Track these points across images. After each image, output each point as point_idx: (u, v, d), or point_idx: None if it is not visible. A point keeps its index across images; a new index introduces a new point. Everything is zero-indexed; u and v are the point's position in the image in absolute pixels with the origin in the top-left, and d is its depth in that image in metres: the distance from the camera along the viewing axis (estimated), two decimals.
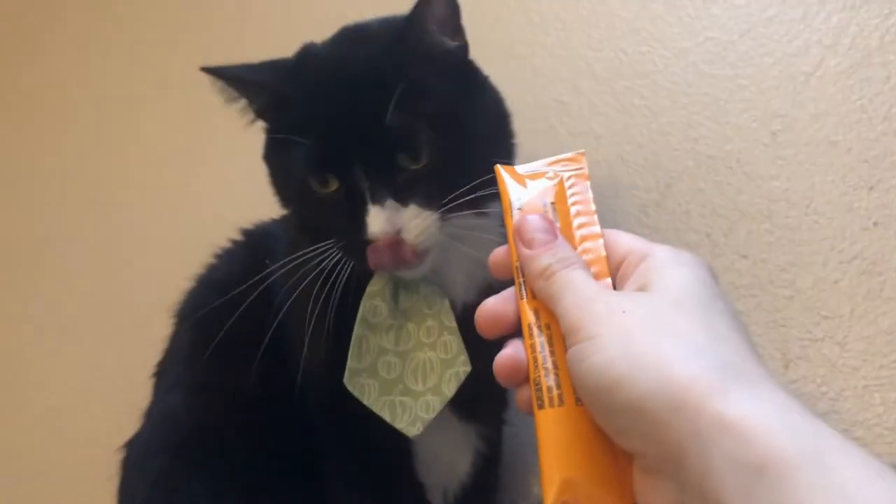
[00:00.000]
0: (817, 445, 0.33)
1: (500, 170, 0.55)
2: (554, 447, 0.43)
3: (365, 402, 0.66)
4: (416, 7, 0.65)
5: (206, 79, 0.69)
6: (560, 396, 0.43)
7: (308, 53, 0.71)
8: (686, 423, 0.35)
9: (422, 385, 0.67)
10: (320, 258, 0.65)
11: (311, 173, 0.65)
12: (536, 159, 0.91)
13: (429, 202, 0.63)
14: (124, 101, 1.41)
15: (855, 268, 0.78)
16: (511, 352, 0.47)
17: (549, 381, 0.44)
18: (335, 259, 0.64)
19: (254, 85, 0.69)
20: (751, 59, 0.88)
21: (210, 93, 0.70)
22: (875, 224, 0.78)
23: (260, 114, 0.71)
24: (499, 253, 0.52)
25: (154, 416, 0.80)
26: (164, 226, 1.29)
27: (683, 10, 0.93)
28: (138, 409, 1.15)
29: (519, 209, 0.52)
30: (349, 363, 0.66)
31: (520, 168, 0.55)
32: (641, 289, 0.44)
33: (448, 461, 0.78)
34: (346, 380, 0.66)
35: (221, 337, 0.73)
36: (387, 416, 0.67)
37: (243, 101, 0.70)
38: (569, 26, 1.00)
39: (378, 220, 0.61)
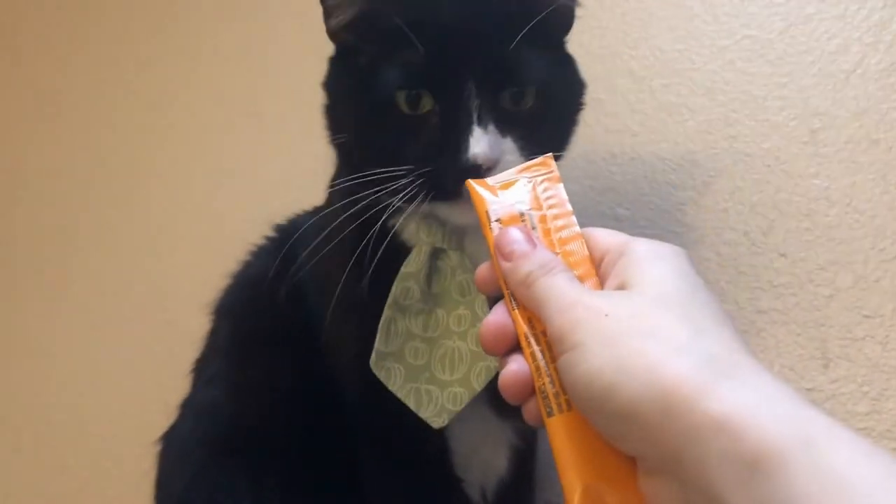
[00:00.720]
0: (807, 431, 0.33)
1: (472, 183, 0.54)
2: (570, 454, 0.42)
3: (390, 387, 0.66)
4: None
5: (235, 75, 0.68)
6: (567, 401, 0.43)
7: None
8: (678, 424, 0.36)
9: (449, 375, 0.66)
10: (377, 189, 0.62)
11: (406, 87, 0.62)
12: (572, 157, 0.91)
13: (522, 144, 0.62)
14: (157, 97, 1.42)
15: None
16: (514, 367, 0.46)
17: (553, 387, 0.44)
18: (402, 185, 0.61)
19: None
20: (790, 57, 0.88)
21: (243, 89, 0.68)
22: None
23: (346, 24, 0.67)
24: (483, 269, 0.51)
25: (193, 409, 0.81)
26: (195, 223, 1.30)
27: (720, 9, 0.93)
28: (170, 406, 1.17)
29: (497, 220, 0.51)
30: (376, 346, 0.66)
31: (490, 179, 0.55)
32: (621, 286, 0.43)
33: (484, 457, 0.78)
34: (372, 363, 0.66)
35: (259, 331, 0.74)
36: (411, 404, 0.66)
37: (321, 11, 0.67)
38: (605, 24, 1.00)
39: (482, 142, 0.59)
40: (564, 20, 0.69)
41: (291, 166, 1.10)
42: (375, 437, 0.75)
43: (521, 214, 0.51)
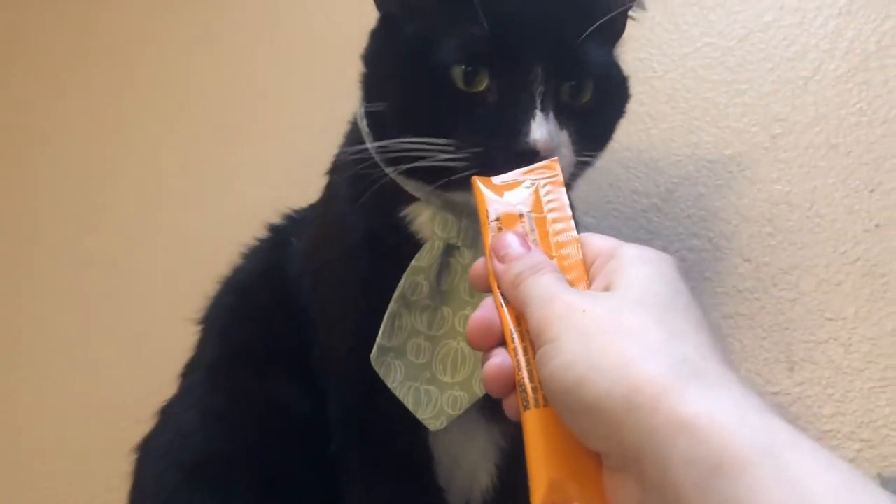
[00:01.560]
0: (772, 440, 0.33)
1: (478, 181, 0.55)
2: (541, 448, 0.43)
3: (389, 384, 0.64)
4: None
5: (223, 80, 0.67)
6: (544, 397, 0.43)
7: None
8: (643, 422, 0.35)
9: (451, 377, 0.65)
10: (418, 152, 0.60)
11: (464, 63, 0.60)
12: None
13: (576, 139, 0.62)
14: (138, 107, 1.40)
15: (858, 270, 0.78)
16: (498, 360, 0.46)
17: (532, 382, 0.44)
18: (445, 160, 0.60)
19: None
20: (749, 64, 0.89)
21: (227, 94, 0.68)
22: (877, 226, 0.79)
23: None
24: (477, 267, 0.51)
25: (171, 423, 0.79)
26: (183, 228, 1.28)
27: (681, 17, 0.94)
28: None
29: (496, 220, 0.52)
30: (379, 339, 0.64)
31: (496, 179, 0.55)
32: (607, 288, 0.44)
33: (472, 461, 0.76)
34: (373, 357, 0.64)
35: (242, 347, 0.73)
36: (409, 404, 0.64)
37: None
38: None
39: (544, 128, 0.58)
40: (622, 25, 0.70)
41: (285, 172, 1.09)
42: (359, 441, 0.72)
43: (521, 215, 0.52)
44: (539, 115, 0.59)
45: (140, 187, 1.34)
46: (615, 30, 0.69)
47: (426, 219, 0.66)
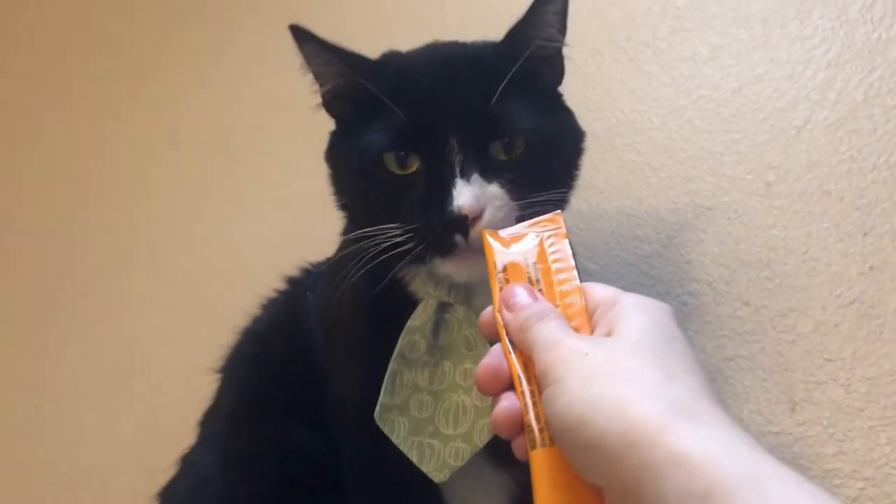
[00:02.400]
0: (757, 472, 0.36)
1: (486, 234, 0.58)
2: (547, 485, 0.46)
3: (394, 439, 0.67)
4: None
5: (243, 129, 0.70)
6: (550, 437, 0.46)
7: (394, 53, 0.72)
8: (641, 458, 0.38)
9: (452, 429, 0.67)
10: (377, 242, 0.64)
11: (392, 150, 0.65)
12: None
13: (511, 188, 0.64)
14: (156, 157, 1.44)
15: (854, 311, 0.80)
16: (506, 404, 0.49)
17: (538, 423, 0.47)
18: (397, 242, 0.63)
19: (344, 59, 0.68)
20: (743, 115, 0.92)
21: (247, 143, 0.71)
22: (871, 268, 0.81)
23: (333, 97, 0.71)
24: (485, 315, 0.55)
25: (191, 470, 0.82)
26: (200, 278, 1.31)
27: (677, 71, 0.98)
28: (157, 472, 1.16)
29: (503, 270, 0.56)
30: (381, 398, 0.67)
31: (503, 231, 0.59)
32: (608, 334, 0.47)
33: None
34: (376, 415, 0.66)
35: (260, 396, 0.75)
36: (414, 458, 0.66)
37: (311, 77, 0.70)
38: (567, 88, 1.04)
39: (465, 193, 0.62)
40: (552, 69, 0.73)
41: (303, 225, 1.12)
42: (371, 490, 0.75)
43: (527, 266, 0.55)
44: (459, 182, 0.62)
45: (157, 239, 1.37)
46: (541, 75, 0.72)
47: (420, 280, 0.69)
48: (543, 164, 0.68)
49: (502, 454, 0.73)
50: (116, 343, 1.32)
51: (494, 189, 0.64)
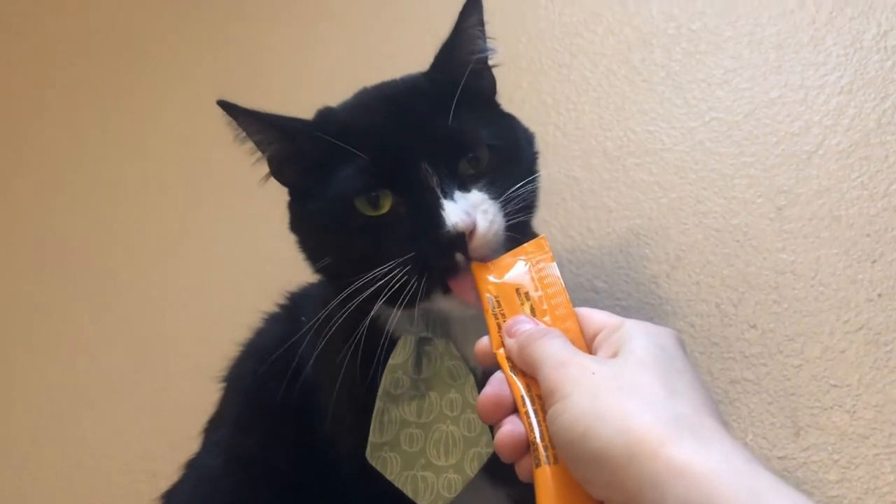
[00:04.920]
0: (755, 485, 0.37)
1: (476, 265, 0.60)
2: (551, 501, 0.47)
3: (388, 476, 0.67)
4: (463, 14, 0.69)
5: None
6: (555, 455, 0.48)
7: (328, 108, 0.73)
8: (642, 468, 0.40)
9: (444, 460, 0.68)
10: (371, 286, 0.63)
11: (363, 192, 0.65)
12: (550, 231, 0.95)
13: (489, 190, 0.65)
14: (164, 167, 1.46)
15: (861, 337, 0.80)
16: (509, 427, 0.51)
17: (543, 441, 0.49)
18: (395, 280, 0.62)
19: (281, 123, 0.68)
20: (755, 138, 0.93)
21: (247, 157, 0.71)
22: (879, 295, 0.81)
23: (279, 163, 0.71)
24: (480, 345, 0.56)
25: (196, 473, 0.82)
26: (203, 290, 1.32)
27: (689, 93, 0.99)
28: (157, 476, 1.17)
29: (495, 297, 0.58)
30: (371, 438, 0.67)
31: (491, 264, 0.61)
32: (613, 355, 0.49)
33: None
34: (367, 454, 0.67)
35: (264, 404, 0.75)
36: (409, 492, 0.67)
37: (250, 145, 0.70)
38: (580, 107, 1.06)
39: (455, 210, 0.61)
40: (486, 81, 0.74)
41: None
42: None
43: (518, 293, 0.58)
44: (445, 202, 0.62)
45: (165, 242, 1.38)
46: (482, 90, 0.73)
47: (399, 318, 0.68)
48: (509, 164, 0.69)
49: (500, 471, 0.73)
50: (122, 346, 1.33)
51: (475, 196, 0.64)
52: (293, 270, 0.89)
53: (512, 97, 1.11)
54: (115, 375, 1.31)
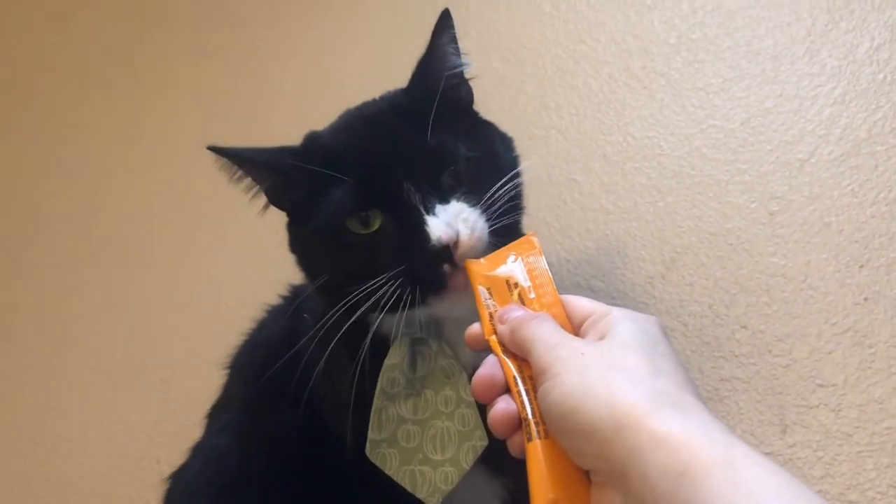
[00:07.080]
0: (730, 453, 0.41)
1: (468, 262, 0.64)
2: (541, 473, 0.50)
3: (387, 471, 0.70)
4: (435, 33, 0.72)
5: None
6: (545, 430, 0.51)
7: (314, 132, 0.76)
8: (628, 440, 0.43)
9: (440, 455, 0.70)
10: (366, 297, 0.67)
11: (353, 213, 0.68)
12: (550, 232, 0.98)
13: (468, 198, 0.69)
14: (172, 162, 1.48)
15: (848, 340, 0.83)
16: (502, 405, 0.55)
17: (534, 417, 0.52)
18: (389, 292, 0.66)
19: (272, 157, 0.72)
20: (750, 146, 0.96)
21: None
22: (866, 299, 0.84)
23: (276, 194, 0.74)
24: (471, 331, 0.61)
25: (203, 452, 0.84)
26: (206, 281, 1.35)
27: (688, 100, 1.02)
28: (161, 463, 1.19)
29: (487, 289, 0.62)
30: (370, 435, 0.70)
31: (483, 259, 0.65)
32: (601, 338, 0.53)
33: None
34: (367, 451, 0.70)
35: (269, 390, 0.78)
36: (407, 486, 0.70)
37: (248, 181, 0.73)
38: (581, 112, 1.08)
39: (438, 225, 0.65)
40: (463, 93, 0.78)
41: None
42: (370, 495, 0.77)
43: (508, 284, 0.62)
44: (428, 217, 0.66)
45: (168, 235, 1.41)
46: (459, 102, 0.77)
47: (393, 320, 0.70)
48: (487, 171, 0.72)
49: (495, 463, 0.77)
50: (126, 337, 1.36)
51: (455, 206, 0.68)
52: (294, 265, 0.93)
53: (516, 101, 1.14)
54: (120, 364, 1.34)
